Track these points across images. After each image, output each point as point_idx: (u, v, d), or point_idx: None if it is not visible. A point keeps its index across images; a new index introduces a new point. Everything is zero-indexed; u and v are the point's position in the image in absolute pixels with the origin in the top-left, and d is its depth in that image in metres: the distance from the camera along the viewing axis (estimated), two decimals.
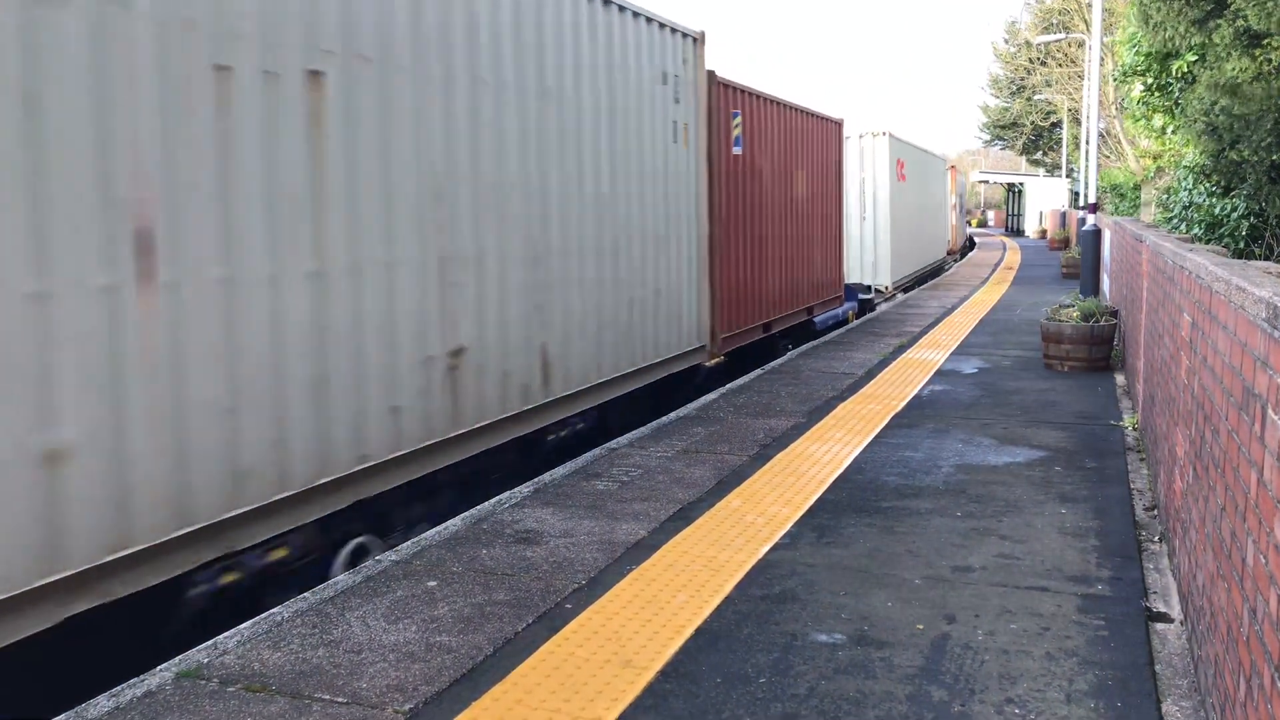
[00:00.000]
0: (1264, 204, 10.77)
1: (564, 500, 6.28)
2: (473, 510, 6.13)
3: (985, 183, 68.70)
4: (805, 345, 13.67)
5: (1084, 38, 29.15)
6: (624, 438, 7.99)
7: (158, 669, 4.05)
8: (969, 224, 57.22)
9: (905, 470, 6.91)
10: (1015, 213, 60.27)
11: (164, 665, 4.09)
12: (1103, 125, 30.52)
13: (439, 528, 5.81)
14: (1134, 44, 13.05)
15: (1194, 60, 10.90)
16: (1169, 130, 14.00)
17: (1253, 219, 11.08)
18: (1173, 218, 12.55)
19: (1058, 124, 53.42)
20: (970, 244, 43.89)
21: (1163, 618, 4.46)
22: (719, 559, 5.20)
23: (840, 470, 6.92)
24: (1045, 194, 52.45)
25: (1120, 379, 10.42)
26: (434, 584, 4.92)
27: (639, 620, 4.45)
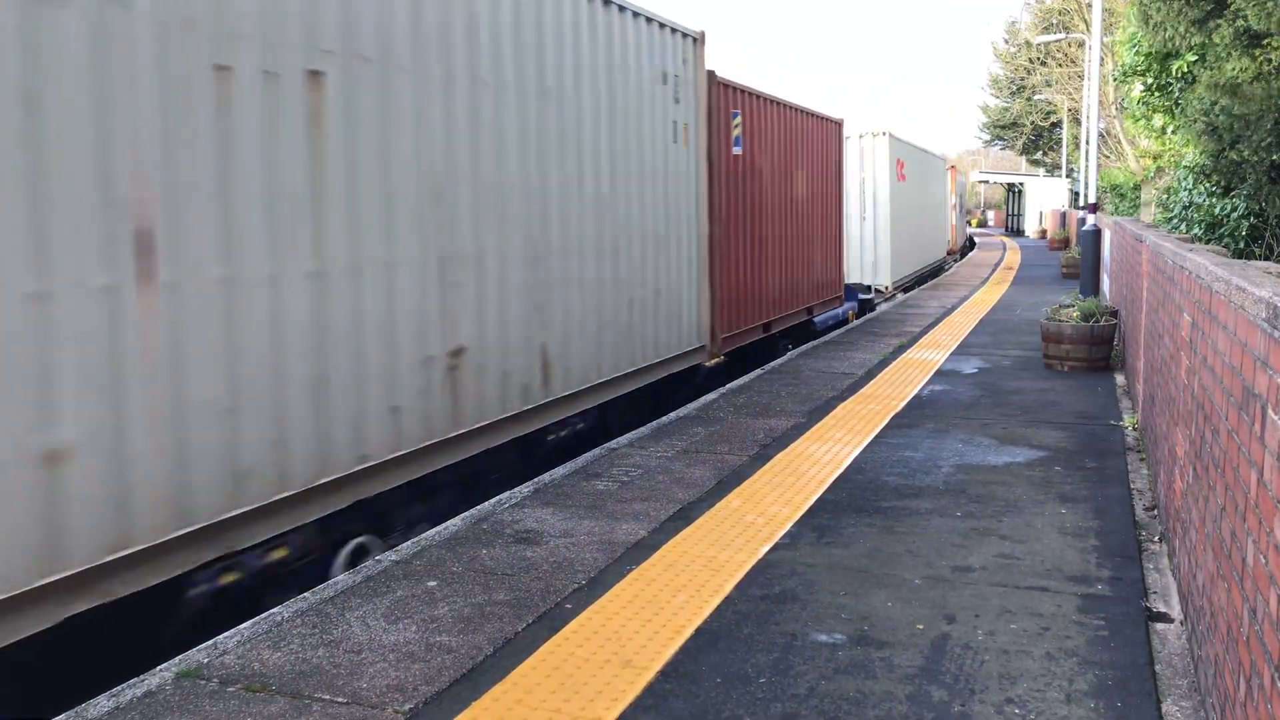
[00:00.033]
0: (1264, 204, 10.78)
1: (564, 500, 6.28)
2: (473, 510, 6.13)
3: (985, 183, 68.73)
4: (805, 345, 13.64)
5: (1084, 38, 29.16)
6: (624, 438, 7.99)
7: (158, 669, 4.05)
8: (969, 224, 57.23)
9: (905, 470, 6.91)
10: (1015, 213, 60.28)
11: (164, 665, 4.09)
12: (1103, 125, 30.53)
13: (439, 528, 5.81)
14: (1134, 44, 13.05)
15: (1194, 60, 10.90)
16: (1169, 130, 14.01)
17: (1253, 219, 11.08)
18: (1173, 218, 12.55)
19: (1058, 124, 53.42)
20: (970, 244, 43.89)
21: (1163, 618, 4.46)
22: (719, 559, 5.20)
23: (840, 470, 6.92)
24: (1045, 194, 52.45)
25: (1120, 379, 10.43)
26: (434, 584, 4.92)
27: (639, 620, 4.45)
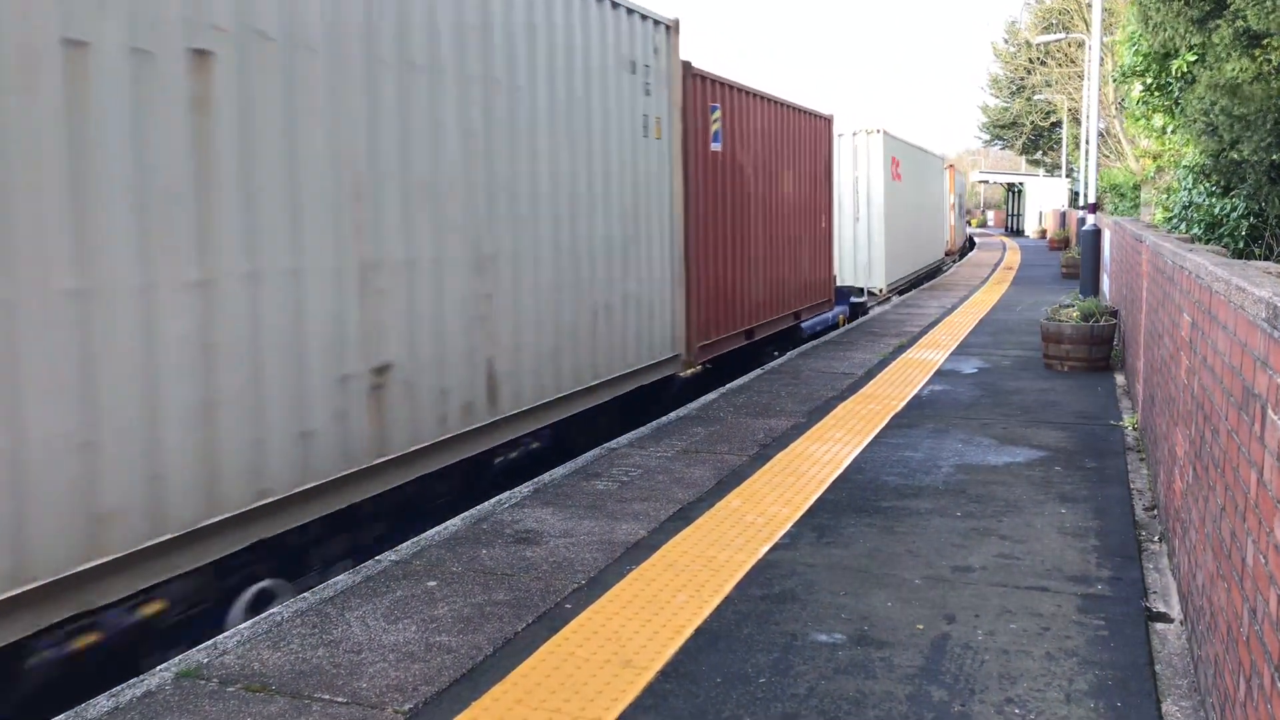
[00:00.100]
0: (1264, 204, 10.78)
1: (564, 500, 6.28)
2: (472, 510, 6.13)
3: (985, 183, 68.77)
4: (805, 345, 13.62)
5: (1084, 38, 29.16)
6: (624, 437, 7.99)
7: (157, 669, 4.05)
8: (969, 224, 57.26)
9: (905, 470, 6.91)
10: (1015, 213, 60.29)
11: (164, 665, 4.09)
12: (1102, 125, 30.54)
13: (439, 527, 5.80)
14: (1134, 43, 13.05)
15: (1193, 60, 10.90)
16: (1169, 130, 14.00)
17: (1252, 219, 11.08)
18: (1172, 218, 12.55)
19: (1058, 124, 53.45)
20: (970, 244, 43.91)
21: (1163, 618, 4.46)
22: (719, 559, 5.20)
23: (840, 470, 6.92)
24: (1045, 194, 52.45)
25: (1120, 379, 10.43)
26: (434, 584, 4.92)
27: (639, 620, 4.45)
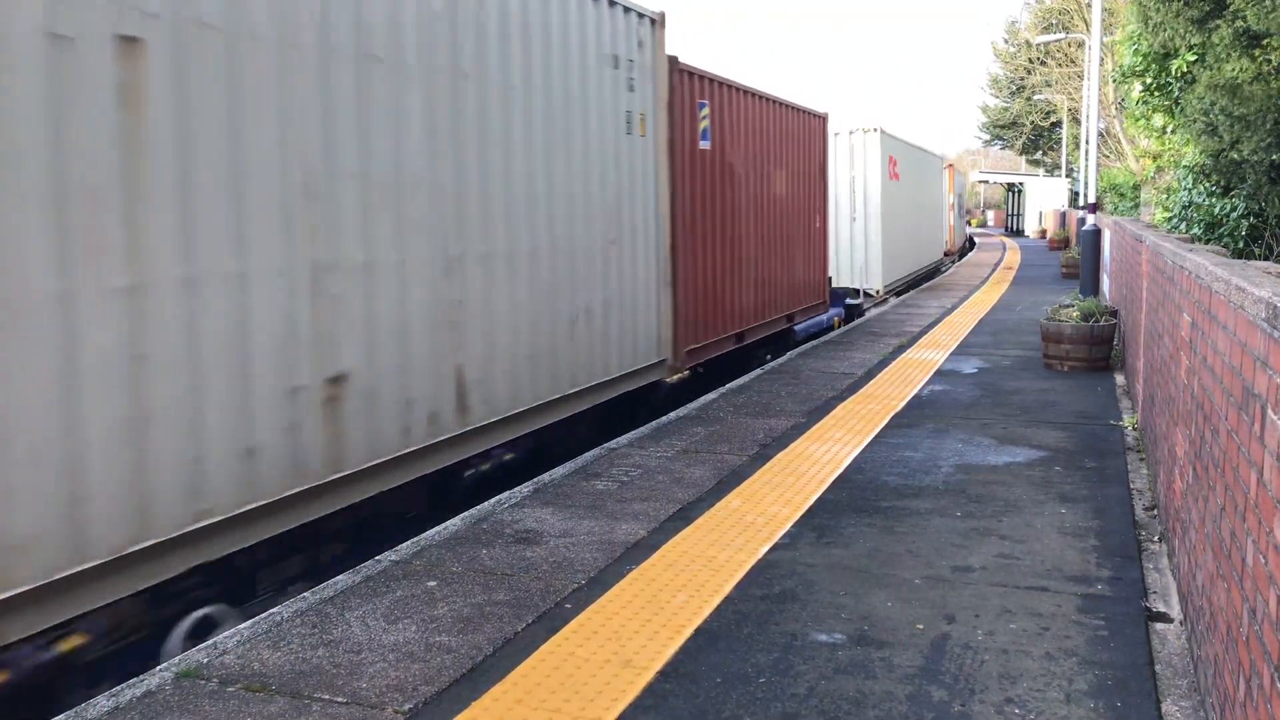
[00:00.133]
0: (1263, 204, 10.78)
1: (564, 500, 6.28)
2: (472, 510, 6.13)
3: (985, 183, 68.78)
4: (805, 346, 13.61)
5: (1084, 38, 29.17)
6: (623, 438, 7.99)
7: (157, 669, 4.05)
8: (968, 224, 57.27)
9: (905, 470, 6.91)
10: (1015, 213, 60.30)
11: (164, 665, 4.09)
12: (1102, 125, 30.55)
13: (438, 527, 5.80)
14: (1133, 43, 13.05)
15: (1193, 60, 10.90)
16: (1169, 130, 14.00)
17: (1252, 219, 11.09)
18: (1172, 217, 12.55)
19: (1057, 124, 53.47)
20: (970, 244, 43.92)
21: (1162, 618, 4.46)
22: (719, 559, 5.20)
23: (840, 470, 6.92)
24: (1045, 194, 52.45)
25: (1120, 379, 10.43)
26: (434, 584, 4.92)
27: (639, 620, 4.45)
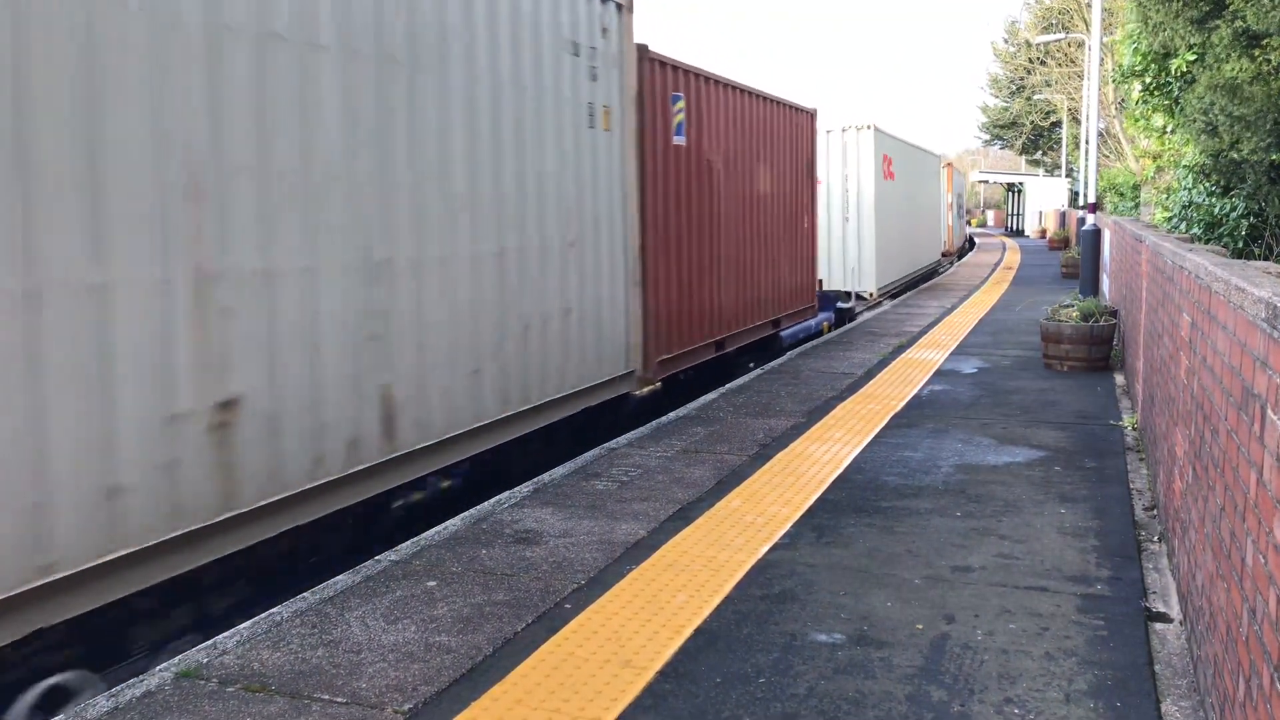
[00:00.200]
0: (1263, 204, 10.78)
1: (563, 500, 6.28)
2: (472, 510, 6.13)
3: (985, 183, 68.81)
4: (805, 345, 13.60)
5: (1084, 38, 29.17)
6: (623, 438, 7.99)
7: (157, 669, 4.05)
8: (968, 224, 57.28)
9: (905, 470, 6.91)
10: (1015, 213, 60.34)
11: (163, 665, 4.09)
12: (1102, 125, 30.56)
13: (438, 528, 5.80)
14: (1134, 41, 13.05)
15: (1193, 60, 10.90)
16: (1169, 130, 14.01)
17: (1252, 219, 11.09)
18: (1172, 217, 12.55)
19: (1057, 124, 53.48)
20: (970, 244, 43.92)
21: (1162, 618, 4.46)
22: (719, 559, 5.20)
23: (840, 470, 6.92)
24: (1045, 194, 52.44)
25: (1120, 379, 10.43)
26: (433, 584, 4.92)
27: (638, 620, 4.45)
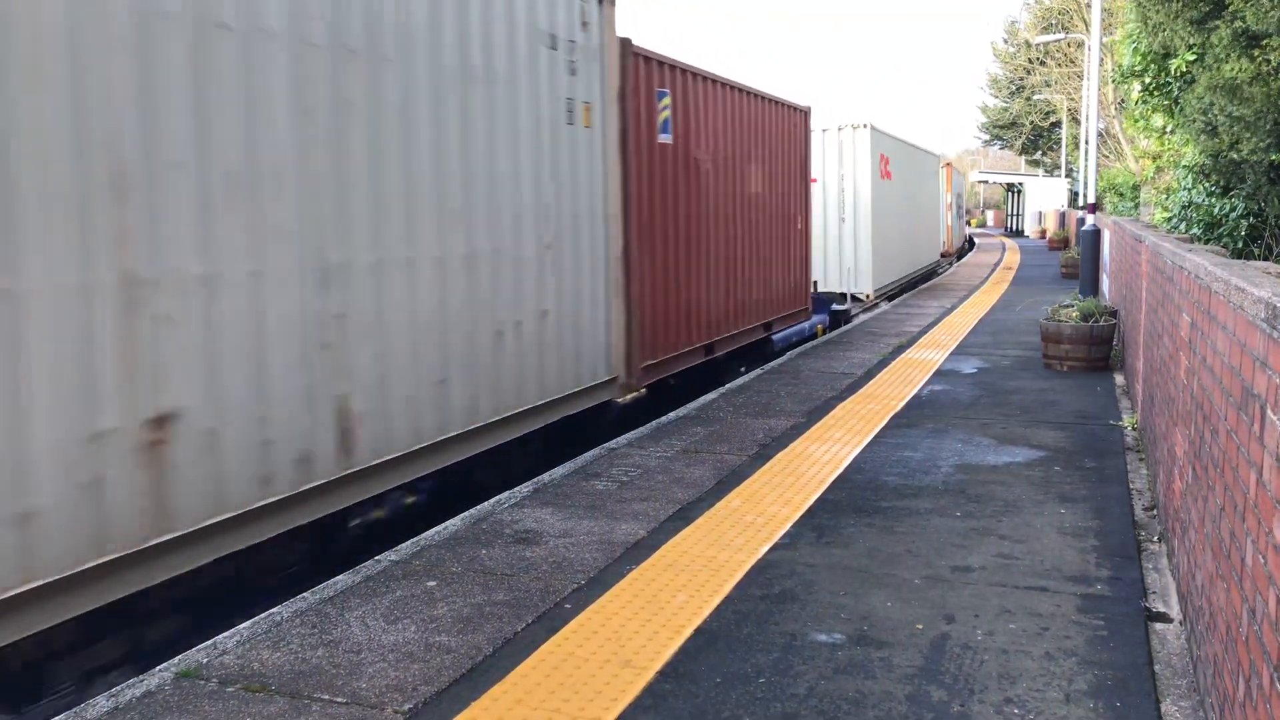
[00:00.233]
0: (1263, 204, 10.78)
1: (563, 500, 6.28)
2: (472, 510, 6.13)
3: (984, 183, 68.84)
4: (805, 345, 13.60)
5: (1083, 38, 29.17)
6: (623, 438, 7.99)
7: (157, 669, 4.05)
8: (968, 224, 57.29)
9: (905, 470, 6.91)
10: (1015, 213, 60.35)
11: (163, 665, 4.09)
12: (1102, 125, 30.57)
13: (438, 528, 5.80)
14: (1133, 40, 13.05)
15: (1192, 60, 10.90)
16: (1168, 130, 14.01)
17: (1251, 219, 11.08)
18: (1172, 218, 12.55)
19: (1057, 124, 53.48)
20: (970, 245, 43.93)
21: (1162, 618, 4.46)
22: (718, 559, 5.20)
23: (840, 470, 6.92)
24: (1045, 194, 52.44)
25: (1119, 379, 10.43)
26: (433, 584, 4.92)
27: (638, 620, 4.45)
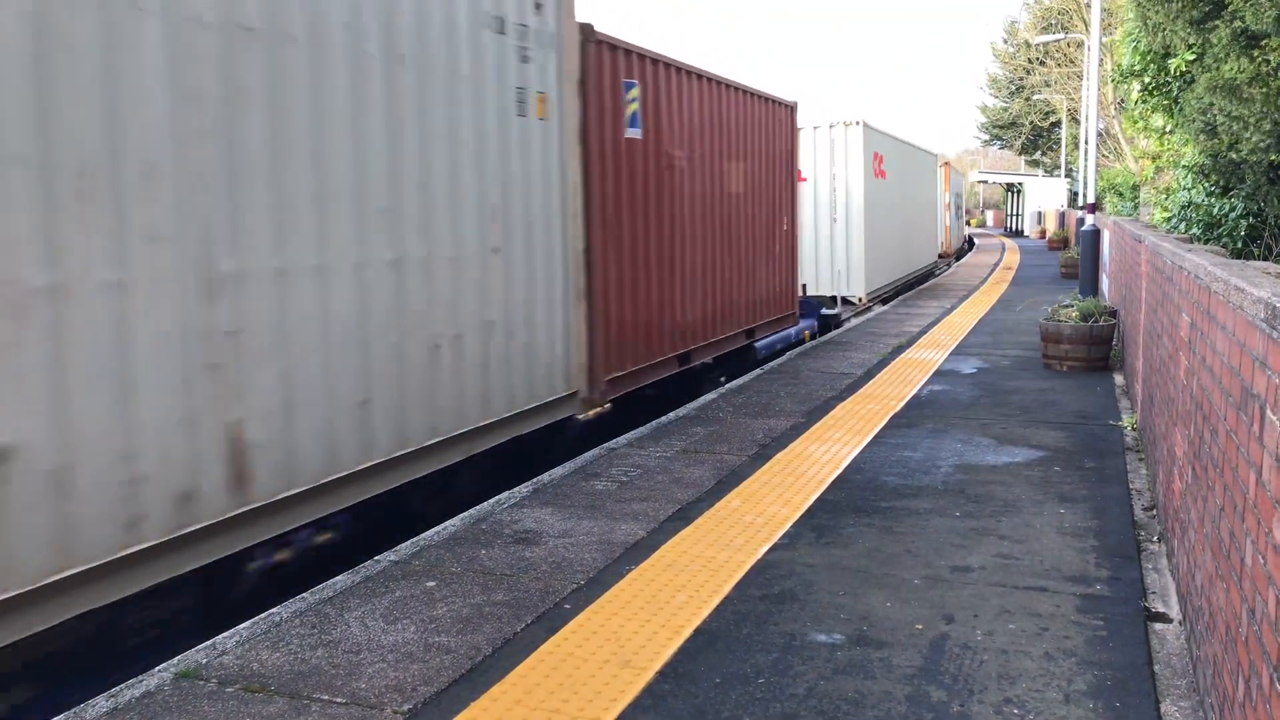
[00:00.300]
0: (1262, 204, 10.78)
1: (563, 500, 6.28)
2: (471, 510, 6.13)
3: (984, 183, 68.87)
4: (805, 345, 13.59)
5: (1083, 38, 29.18)
6: (622, 438, 7.99)
7: (156, 669, 4.05)
8: (968, 224, 57.30)
9: (904, 470, 6.91)
10: (1014, 213, 60.36)
11: (163, 665, 4.09)
12: (1102, 125, 30.58)
13: (437, 528, 5.80)
14: (1133, 40, 13.05)
15: (1192, 60, 10.90)
16: (1168, 130, 14.01)
17: (1251, 219, 11.09)
18: (1172, 218, 12.55)
19: (1057, 124, 53.49)
20: (969, 245, 43.94)
21: (1161, 618, 4.46)
22: (718, 559, 5.20)
23: (839, 470, 6.92)
24: (1044, 194, 52.44)
25: (1119, 379, 10.43)
26: (433, 584, 4.92)
27: (638, 620, 4.45)
